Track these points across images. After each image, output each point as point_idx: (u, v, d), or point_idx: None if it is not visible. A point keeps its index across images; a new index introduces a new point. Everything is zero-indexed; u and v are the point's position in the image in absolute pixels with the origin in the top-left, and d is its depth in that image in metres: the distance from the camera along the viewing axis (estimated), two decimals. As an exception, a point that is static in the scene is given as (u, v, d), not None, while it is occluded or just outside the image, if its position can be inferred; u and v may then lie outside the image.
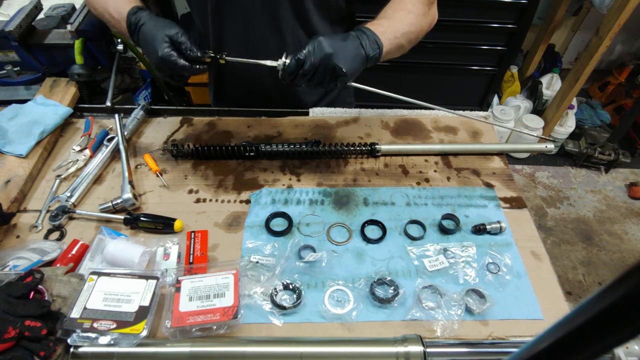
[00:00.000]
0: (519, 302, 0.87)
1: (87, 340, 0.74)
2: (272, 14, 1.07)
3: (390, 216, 1.03)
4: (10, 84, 1.38)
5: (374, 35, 0.89)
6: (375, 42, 0.88)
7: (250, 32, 1.11)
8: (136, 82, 1.76)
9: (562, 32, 3.43)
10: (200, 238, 0.95)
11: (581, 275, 2.39)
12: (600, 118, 3.15)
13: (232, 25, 1.11)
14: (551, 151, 1.21)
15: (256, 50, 1.15)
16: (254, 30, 1.11)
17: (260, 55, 0.93)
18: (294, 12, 1.08)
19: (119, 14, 0.94)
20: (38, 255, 0.89)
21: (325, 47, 0.84)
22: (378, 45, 0.89)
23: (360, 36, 0.88)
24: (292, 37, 1.13)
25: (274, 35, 1.12)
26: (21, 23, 1.29)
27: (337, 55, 0.84)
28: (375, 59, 0.90)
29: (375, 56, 0.89)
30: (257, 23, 1.09)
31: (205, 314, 0.78)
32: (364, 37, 0.88)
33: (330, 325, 0.83)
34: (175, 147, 1.15)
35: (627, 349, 0.73)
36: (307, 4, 1.06)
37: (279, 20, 1.08)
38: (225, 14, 1.09)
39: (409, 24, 0.96)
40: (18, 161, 1.09)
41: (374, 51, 0.88)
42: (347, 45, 0.86)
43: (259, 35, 1.12)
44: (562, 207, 2.75)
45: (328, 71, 0.85)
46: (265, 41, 1.13)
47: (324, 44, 0.84)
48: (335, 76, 0.86)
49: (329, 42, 0.84)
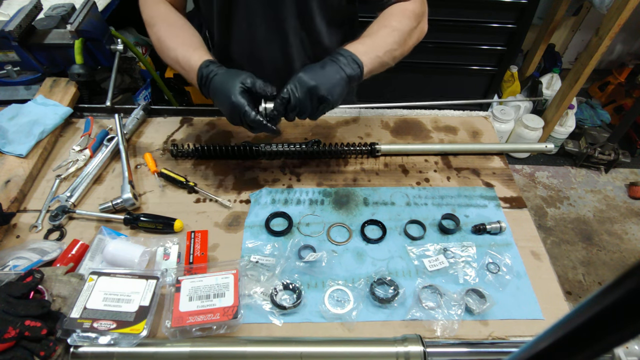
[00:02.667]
0: (519, 302, 0.87)
1: (87, 340, 0.74)
2: (276, 14, 1.07)
3: (390, 216, 1.03)
4: (10, 84, 1.38)
5: (351, 55, 0.91)
6: (354, 61, 0.90)
7: (254, 32, 1.12)
8: (136, 82, 1.76)
9: (562, 32, 3.43)
10: (200, 238, 0.95)
11: (581, 275, 2.39)
12: (600, 118, 3.15)
13: (237, 26, 1.12)
14: (551, 151, 1.21)
15: (259, 51, 1.16)
16: (257, 31, 1.11)
17: (263, 57, 0.93)
18: (297, 12, 1.08)
19: (189, 67, 0.94)
20: (38, 255, 0.89)
21: (306, 81, 0.87)
22: (358, 64, 0.91)
23: (336, 60, 0.90)
24: (295, 38, 1.14)
25: (277, 36, 1.12)
26: (21, 23, 1.29)
27: (320, 86, 0.87)
28: (358, 77, 0.91)
29: (356, 75, 0.91)
30: (260, 23, 1.09)
31: (205, 314, 0.78)
32: (341, 59, 0.90)
33: (330, 325, 0.83)
34: (175, 147, 1.15)
35: (627, 349, 0.73)
36: (311, 4, 1.07)
37: (282, 21, 1.09)
38: (232, 13, 1.09)
39: (393, 42, 0.97)
40: (18, 161, 1.09)
41: (354, 71, 0.90)
42: (326, 73, 0.88)
43: (263, 35, 1.12)
44: (562, 207, 2.75)
45: (314, 103, 0.88)
46: (269, 42, 1.14)
47: (305, 78, 0.87)
48: (321, 105, 0.90)
49: (309, 75, 0.87)
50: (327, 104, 0.90)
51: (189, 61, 0.95)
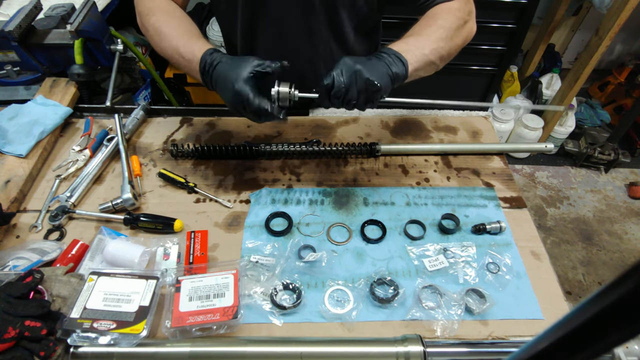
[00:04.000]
0: (519, 302, 0.87)
1: (87, 340, 0.74)
2: (307, 26, 1.07)
3: (390, 216, 1.03)
4: (10, 84, 1.38)
5: (395, 52, 0.86)
6: (399, 58, 0.86)
7: (283, 43, 1.11)
8: (136, 82, 1.76)
9: (562, 32, 3.43)
10: (200, 238, 0.95)
11: (581, 275, 2.39)
12: (600, 118, 3.15)
13: (263, 37, 1.11)
14: (551, 151, 1.21)
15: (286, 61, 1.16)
16: (287, 42, 1.10)
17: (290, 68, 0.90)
18: (328, 23, 1.07)
19: (192, 55, 0.91)
20: (38, 255, 0.89)
21: (351, 65, 0.82)
22: (402, 61, 0.86)
23: (380, 57, 0.86)
24: (325, 49, 1.14)
25: (307, 47, 1.12)
26: (21, 23, 1.29)
27: (366, 70, 0.82)
28: (403, 76, 0.87)
29: (401, 74, 0.86)
30: (290, 35, 1.09)
31: (205, 314, 0.78)
32: (385, 57, 0.86)
33: (330, 325, 0.83)
34: (175, 147, 1.15)
35: (627, 349, 0.73)
36: (342, 15, 1.06)
37: (313, 32, 1.08)
38: (257, 25, 1.08)
39: (438, 39, 0.91)
40: (18, 161, 1.09)
41: (399, 69, 0.85)
42: (373, 63, 0.84)
43: (291, 47, 1.12)
44: (562, 207, 2.75)
45: (362, 87, 0.82)
46: (297, 53, 1.13)
47: (349, 62, 0.83)
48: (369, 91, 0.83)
49: (354, 60, 0.83)
50: (375, 91, 0.82)
51: (191, 49, 0.91)
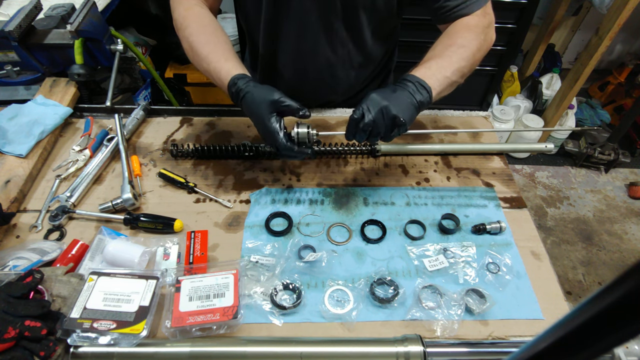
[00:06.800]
0: (519, 302, 0.87)
1: (87, 340, 0.74)
2: (326, 26, 1.07)
3: (390, 216, 1.03)
4: (10, 84, 1.38)
5: (419, 80, 0.89)
6: (423, 87, 0.89)
7: (303, 43, 1.12)
8: (136, 82, 1.76)
9: (562, 32, 3.43)
10: (200, 238, 0.95)
11: (581, 275, 2.39)
12: (600, 118, 3.15)
13: (285, 36, 1.12)
14: (551, 151, 1.21)
15: (306, 62, 1.17)
16: (306, 42, 1.11)
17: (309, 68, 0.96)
18: (347, 24, 1.08)
19: (220, 81, 0.97)
20: (38, 255, 0.89)
21: (379, 101, 0.86)
22: (426, 89, 0.89)
23: (405, 86, 0.89)
24: (343, 50, 1.15)
25: (325, 47, 1.13)
26: (21, 23, 1.29)
27: (392, 106, 0.85)
28: (427, 102, 0.90)
29: (425, 101, 0.89)
30: (310, 34, 1.09)
31: (205, 314, 0.78)
32: (410, 86, 0.89)
33: (330, 325, 0.83)
34: (175, 147, 1.15)
35: (627, 349, 0.73)
36: (361, 17, 1.07)
37: (332, 33, 1.09)
38: (280, 25, 1.09)
39: (460, 59, 0.93)
40: (18, 161, 1.09)
41: (423, 97, 0.89)
42: (398, 96, 0.87)
43: (310, 47, 1.13)
44: (562, 207, 2.75)
45: (388, 122, 0.86)
46: (316, 53, 1.14)
47: (377, 98, 0.86)
48: (394, 126, 0.87)
49: (382, 96, 0.87)
50: (400, 126, 0.86)
51: (219, 74, 0.96)
